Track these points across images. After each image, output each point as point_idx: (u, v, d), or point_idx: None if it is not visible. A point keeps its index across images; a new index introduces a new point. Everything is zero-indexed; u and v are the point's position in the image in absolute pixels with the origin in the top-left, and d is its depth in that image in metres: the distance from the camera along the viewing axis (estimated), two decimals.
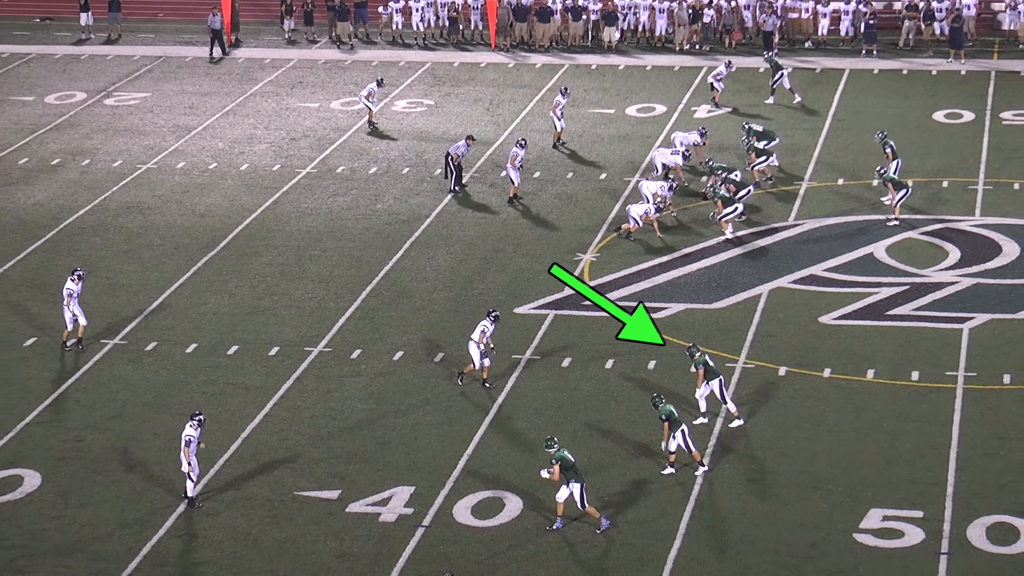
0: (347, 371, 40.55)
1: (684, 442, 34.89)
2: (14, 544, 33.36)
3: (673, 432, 34.87)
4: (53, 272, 46.58)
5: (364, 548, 33.01)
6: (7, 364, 41.22)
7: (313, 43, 69.79)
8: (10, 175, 54.35)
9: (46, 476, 35.92)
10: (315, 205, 51.38)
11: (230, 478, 35.68)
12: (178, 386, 40.00)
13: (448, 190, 51.52)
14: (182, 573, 32.24)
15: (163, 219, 50.43)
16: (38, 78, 65.49)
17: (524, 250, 47.52)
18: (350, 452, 36.70)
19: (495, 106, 60.85)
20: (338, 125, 58.86)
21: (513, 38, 68.81)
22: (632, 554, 32.70)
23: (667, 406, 35.01)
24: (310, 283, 45.28)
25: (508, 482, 35.21)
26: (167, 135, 58.23)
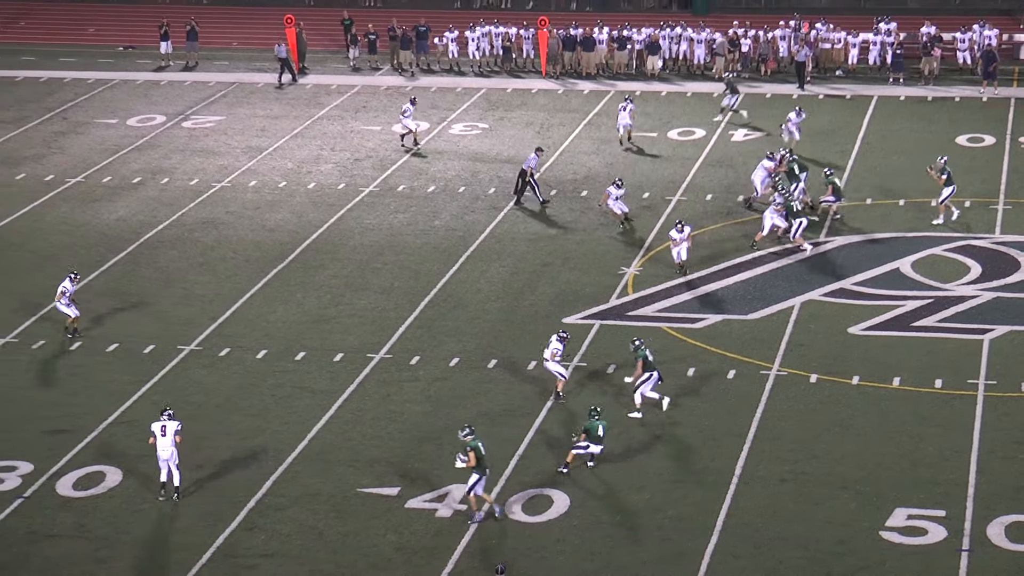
0: (406, 376, 40.57)
1: (588, 451, 35.22)
2: (96, 535, 33.51)
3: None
4: (134, 283, 46.75)
5: (422, 541, 33.02)
6: (91, 368, 41.36)
7: (376, 70, 69.89)
8: (95, 192, 54.56)
9: (127, 473, 36.04)
10: (377, 221, 51.44)
11: (297, 475, 35.73)
12: (249, 389, 40.09)
13: (518, 203, 51.48)
14: (252, 564, 32.30)
15: (236, 234, 50.56)
16: (121, 102, 65.72)
17: (571, 264, 47.47)
18: (408, 452, 36.72)
19: (545, 129, 60.83)
20: (399, 146, 58.87)
21: (562, 66, 68.76)
22: (671, 549, 32.64)
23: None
24: (372, 294, 45.34)
25: (556, 481, 35.16)
26: (240, 155, 58.38)
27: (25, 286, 46.52)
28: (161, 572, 32.16)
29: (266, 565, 32.27)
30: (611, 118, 61.67)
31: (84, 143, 60.03)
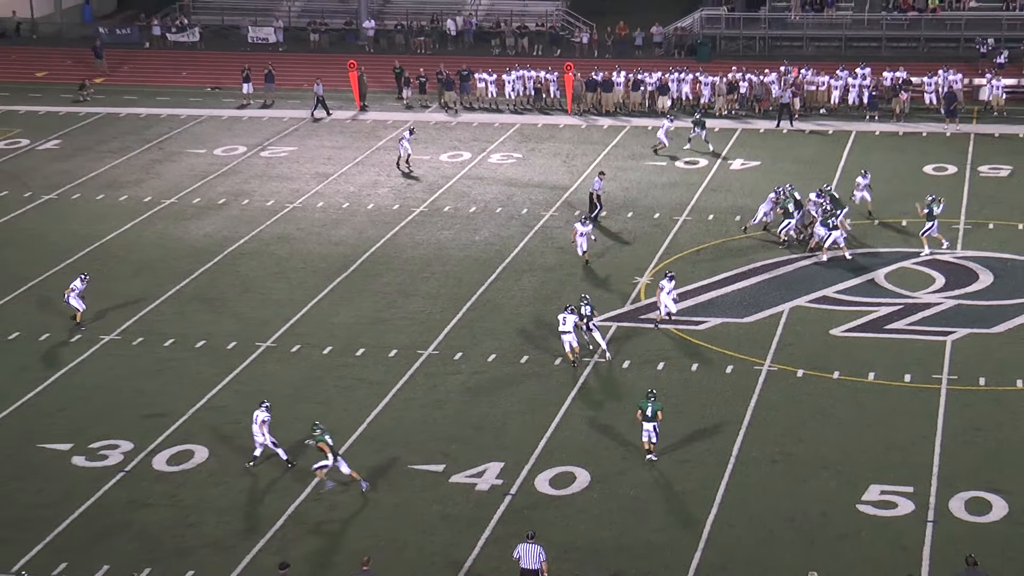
0: (450, 370, 40.54)
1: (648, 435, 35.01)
2: (186, 504, 33.59)
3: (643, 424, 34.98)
4: (218, 288, 46.81)
5: (463, 511, 33.00)
6: (182, 361, 41.43)
7: (425, 108, 69.89)
8: (186, 212, 54.67)
9: (212, 451, 36.11)
10: (426, 237, 51.43)
11: (356, 454, 35.72)
12: (315, 381, 40.10)
13: (587, 219, 51.32)
14: (318, 529, 32.33)
15: (305, 247, 50.60)
16: (208, 135, 65.87)
17: (592, 274, 47.38)
18: (452, 434, 36.69)
19: (570, 159, 60.76)
20: (445, 173, 58.88)
21: (585, 105, 68.71)
22: (677, 519, 32.58)
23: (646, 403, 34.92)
24: (421, 299, 45.32)
25: (579, 459, 35.12)
26: (309, 180, 58.44)
27: (127, 291, 46.62)
28: (241, 536, 32.19)
29: (331, 529, 32.33)
30: (627, 150, 61.67)
31: (177, 170, 60.16)
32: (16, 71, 79.48)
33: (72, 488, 34.32)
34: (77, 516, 33.09)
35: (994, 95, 66.47)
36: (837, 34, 79.06)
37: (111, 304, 45.47)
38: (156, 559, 31.27)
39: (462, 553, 31.16)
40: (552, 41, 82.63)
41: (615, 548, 31.54)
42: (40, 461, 35.70)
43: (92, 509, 33.39)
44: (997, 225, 51.05)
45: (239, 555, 31.38)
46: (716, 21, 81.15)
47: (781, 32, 79.85)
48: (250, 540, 32.01)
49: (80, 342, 42.52)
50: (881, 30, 78.80)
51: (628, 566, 30.88)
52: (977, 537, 31.38)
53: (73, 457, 35.83)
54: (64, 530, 32.53)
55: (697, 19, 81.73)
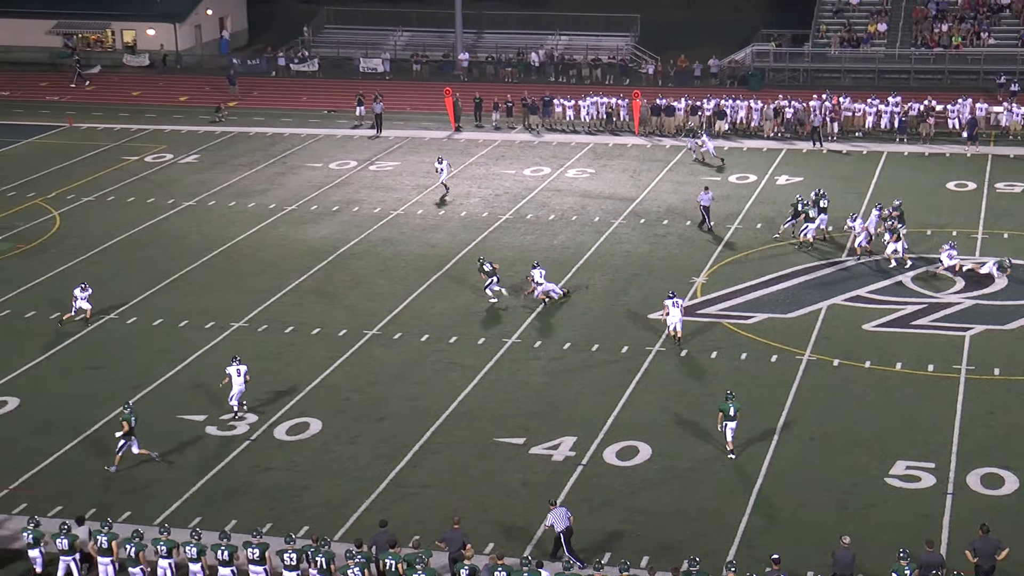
0: (531, 356, 40.49)
1: (727, 432, 34.14)
2: (302, 469, 33.75)
3: (724, 423, 34.06)
4: (332, 284, 46.99)
5: (541, 479, 32.96)
6: (299, 346, 41.63)
7: (511, 129, 69.81)
8: (304, 217, 54.94)
9: (325, 423, 36.26)
10: (511, 240, 51.38)
11: (449, 428, 35.78)
12: (415, 364, 40.16)
13: (701, 229, 51.22)
14: (415, 492, 32.39)
15: (406, 249, 50.69)
16: (324, 151, 66.16)
17: (655, 274, 47.17)
18: (532, 411, 36.64)
19: (637, 174, 60.50)
20: (528, 186, 58.80)
21: (650, 127, 68.40)
22: (726, 488, 32.37)
23: (727, 404, 34.02)
24: (507, 295, 45.17)
25: (642, 435, 34.97)
26: (410, 191, 58.55)
27: (254, 284, 46.91)
28: (349, 497, 32.30)
29: (425, 493, 32.36)
30: (685, 166, 61.34)
31: (297, 181, 60.48)
32: (163, 96, 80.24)
33: (205, 453, 34.59)
34: (209, 478, 33.34)
35: (1013, 121, 65.61)
36: (871, 67, 78.58)
37: (241, 296, 45.78)
38: (276, 516, 31.43)
39: (540, 515, 31.09)
40: (622, 71, 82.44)
41: (672, 512, 31.38)
42: (179, 430, 36.00)
43: (222, 472, 33.63)
44: (1011, 235, 50.34)
45: (347, 514, 31.49)
46: (765, 55, 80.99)
47: (822, 65, 79.57)
48: (356, 501, 32.11)
49: (214, 328, 42.83)
50: (910, 63, 78.29)
51: (683, 527, 30.72)
52: (991, 508, 30.95)
53: (207, 427, 36.11)
54: (198, 489, 32.79)
55: (749, 53, 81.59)
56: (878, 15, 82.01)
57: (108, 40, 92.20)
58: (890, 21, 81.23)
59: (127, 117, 74.23)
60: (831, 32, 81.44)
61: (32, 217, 55.49)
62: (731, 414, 33.89)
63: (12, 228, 53.89)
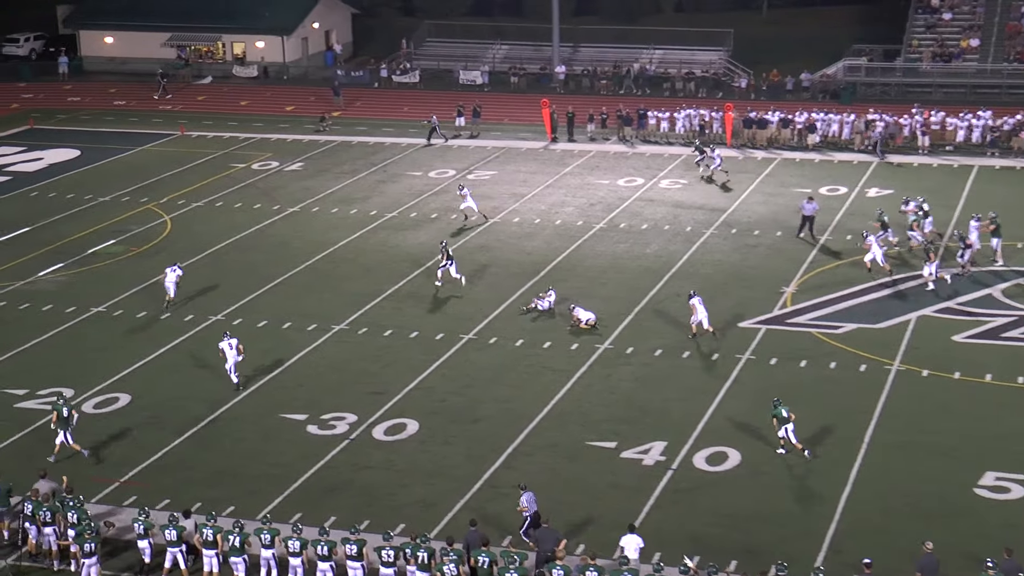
0: (622, 361, 40.33)
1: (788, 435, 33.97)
2: (400, 468, 33.87)
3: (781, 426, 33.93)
4: (429, 289, 47.11)
5: (631, 482, 32.81)
6: (398, 348, 41.79)
7: (606, 140, 69.65)
8: (404, 223, 55.19)
9: (421, 424, 36.36)
10: (604, 249, 51.25)
11: (542, 431, 35.72)
12: (509, 367, 40.16)
13: (799, 237, 50.91)
14: (507, 493, 32.30)
15: (502, 256, 50.72)
16: (424, 160, 66.45)
17: (745, 283, 46.81)
18: (623, 416, 36.49)
19: (728, 185, 60.10)
20: (621, 195, 58.64)
21: (742, 139, 67.94)
22: (814, 494, 32.02)
23: (778, 409, 33.95)
24: (599, 301, 45.06)
25: (731, 441, 34.68)
26: (507, 199, 58.61)
27: (354, 288, 47.20)
28: (444, 496, 32.35)
29: (518, 494, 32.23)
30: (776, 178, 60.84)
31: (397, 189, 60.80)
32: (270, 106, 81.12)
33: (306, 451, 34.83)
34: (310, 475, 33.56)
35: None
36: (962, 81, 77.46)
37: (342, 299, 46.08)
38: (373, 513, 31.56)
39: (629, 517, 30.94)
40: (715, 85, 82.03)
41: (760, 517, 31.08)
42: (281, 428, 36.31)
43: (322, 470, 33.84)
44: None
45: (442, 512, 31.54)
46: (857, 69, 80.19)
47: (914, 79, 78.56)
48: (451, 500, 32.14)
49: (315, 330, 43.15)
50: (1002, 78, 77.06)
51: (771, 532, 30.41)
52: None
53: (308, 426, 36.36)
54: (299, 486, 33.02)
55: (841, 67, 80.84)
56: (970, 30, 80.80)
57: (219, 52, 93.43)
58: (982, 36, 79.99)
59: (235, 126, 75.14)
60: (923, 47, 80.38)
61: (145, 221, 56.35)
62: (784, 416, 33.79)
63: (126, 232, 54.75)
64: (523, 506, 30.19)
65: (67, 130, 75.24)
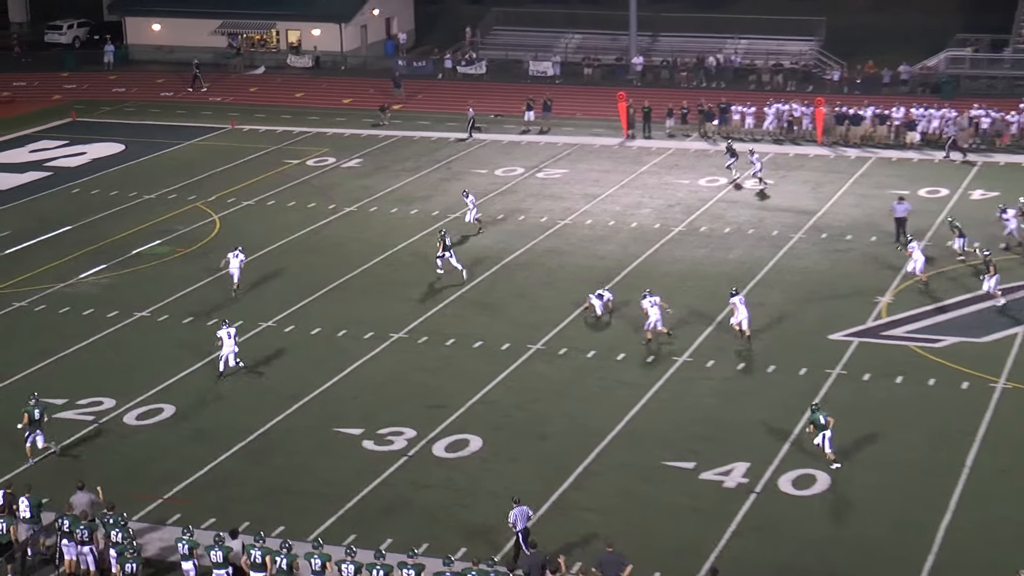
0: (702, 375, 40.14)
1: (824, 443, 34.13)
2: (461, 487, 33.90)
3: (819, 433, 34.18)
4: (494, 295, 47.17)
5: (711, 505, 32.65)
6: (459, 359, 41.84)
7: (687, 137, 69.45)
8: (468, 225, 55.22)
9: (485, 440, 36.37)
10: (683, 254, 51.08)
11: (614, 449, 35.62)
12: (579, 381, 40.11)
13: (898, 243, 50.58)
14: (577, 516, 32.25)
15: (573, 260, 50.68)
16: (490, 157, 66.57)
17: (836, 292, 46.46)
18: (702, 434, 36.32)
19: (818, 186, 59.71)
20: (702, 196, 58.44)
21: (834, 136, 67.50)
22: (909, 520, 31.71)
23: (817, 414, 34.21)
24: (677, 310, 44.76)
25: (818, 463, 34.35)
26: (579, 200, 58.58)
27: (415, 294, 47.31)
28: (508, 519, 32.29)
29: (588, 516, 32.25)
30: (871, 179, 60.39)
31: (462, 188, 60.84)
32: (326, 98, 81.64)
33: (362, 468, 34.93)
34: (365, 494, 33.65)
35: None
36: None
37: (400, 306, 46.21)
38: (433, 535, 31.59)
39: (708, 543, 30.78)
40: (805, 77, 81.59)
41: (850, 546, 30.79)
42: (335, 443, 36.45)
43: (379, 488, 33.91)
44: None
45: (506, 535, 31.43)
46: (960, 61, 79.49)
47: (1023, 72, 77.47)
48: None
49: (372, 338, 43.31)
50: None
51: (861, 564, 30.12)
52: None
53: (364, 441, 36.47)
54: (354, 505, 33.11)
55: (943, 59, 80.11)
56: None
57: (272, 40, 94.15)
58: None
59: (289, 119, 75.68)
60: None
61: (192, 221, 56.85)
62: (822, 423, 33.96)
63: (172, 231, 55.26)
64: (512, 522, 30.26)
65: (111, 123, 76.19)
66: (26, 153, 69.54)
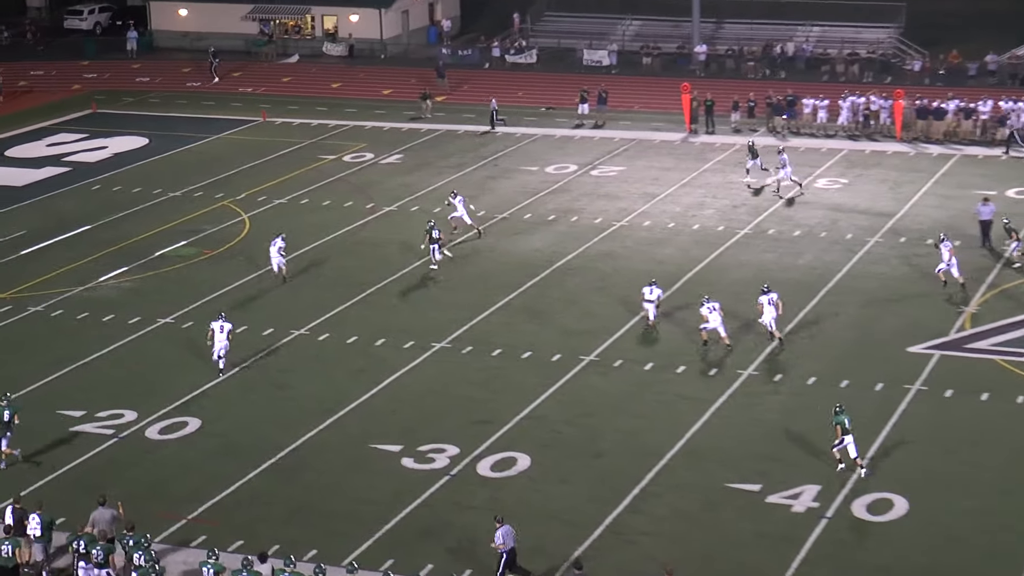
0: (769, 390, 40.03)
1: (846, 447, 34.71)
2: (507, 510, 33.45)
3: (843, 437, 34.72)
4: (544, 301, 47.20)
5: (778, 530, 32.53)
6: (507, 371, 41.88)
7: (753, 132, 69.24)
8: (517, 227, 55.34)
9: (533, 459, 36.35)
10: (749, 258, 50.95)
11: (674, 469, 35.54)
12: (636, 395, 40.07)
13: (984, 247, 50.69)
14: (633, 540, 32.24)
15: (629, 264, 50.62)
16: (540, 153, 66.61)
17: (917, 301, 46.22)
18: (769, 454, 36.20)
19: (897, 186, 59.44)
20: (770, 196, 58.25)
21: (914, 132, 67.17)
22: (999, 551, 31.45)
23: (841, 416, 34.78)
24: (741, 320, 44.60)
25: (897, 487, 34.18)
26: (636, 200, 58.53)
27: (459, 301, 47.38)
28: (559, 543, 32.25)
29: (645, 541, 32.20)
30: (955, 178, 60.05)
31: (510, 186, 60.98)
32: (364, 89, 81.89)
33: (400, 488, 34.98)
34: (404, 515, 33.70)
35: None
36: None
37: (443, 313, 46.29)
38: (477, 561, 31.60)
39: (774, 573, 30.66)
40: (883, 68, 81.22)
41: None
42: (372, 460, 36.54)
43: (418, 509, 33.96)
44: None
45: (556, 562, 31.48)
46: None
47: None
48: (568, 547, 32.06)
49: (413, 348, 43.40)
50: None
51: None
52: None
53: (403, 459, 36.54)
54: (392, 528, 33.17)
55: None
56: None
57: (307, 27, 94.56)
58: None
59: (325, 112, 76.01)
60: None
61: (220, 220, 57.16)
62: (848, 426, 34.39)
63: (198, 232, 55.57)
64: (498, 543, 30.34)
65: (134, 115, 76.76)
66: (43, 147, 70.20)
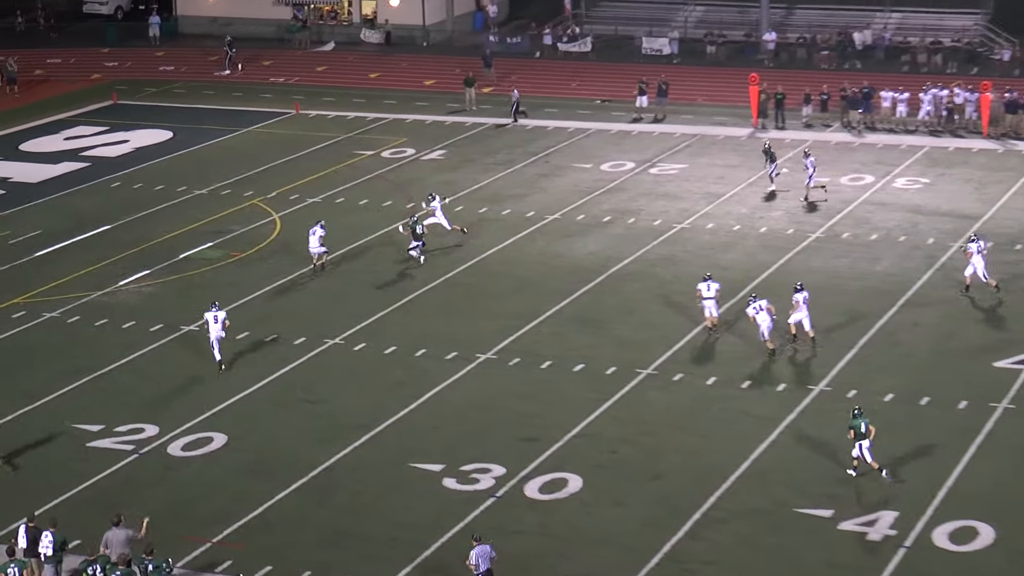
0: (843, 407, 39.74)
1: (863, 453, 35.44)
2: (557, 535, 33.85)
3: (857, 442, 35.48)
4: (598, 310, 47.17)
5: (851, 561, 32.40)
6: (560, 384, 41.85)
7: (826, 127, 68.99)
8: (568, 229, 55.33)
9: (586, 480, 36.32)
10: (821, 264, 50.79)
11: (738, 492, 35.47)
12: (697, 411, 39.99)
13: None
14: (694, 570, 32.15)
15: (691, 270, 50.44)
16: (595, 149, 66.59)
17: (1003, 311, 45.99)
18: (843, 477, 36.02)
19: (983, 186, 59.16)
20: (844, 197, 58.06)
21: (1002, 127, 66.85)
22: None
23: (858, 420, 35.52)
24: (814, 330, 44.51)
25: (983, 514, 33.95)
26: (699, 200, 58.44)
27: (505, 308, 47.43)
28: (613, 570, 32.24)
29: (707, 572, 32.11)
30: None
31: (561, 184, 60.98)
32: (405, 79, 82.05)
33: (442, 510, 35.01)
34: (446, 540, 33.70)
35: None
36: None
37: (488, 322, 46.31)
38: None
39: None
40: (969, 58, 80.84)
41: None
42: (411, 480, 36.57)
43: (461, 533, 33.94)
44: None
45: None
46: None
47: None
48: (622, 575, 32.12)
49: (456, 359, 43.44)
50: None
51: None
52: None
53: (444, 479, 36.56)
54: (432, 553, 33.18)
55: None
56: None
57: (344, 12, 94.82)
58: None
59: (362, 104, 76.23)
60: None
61: (249, 220, 57.39)
62: (863, 431, 35.01)
63: (226, 232, 55.80)
64: (472, 563, 30.50)
65: (158, 106, 77.18)
66: (60, 140, 70.66)
